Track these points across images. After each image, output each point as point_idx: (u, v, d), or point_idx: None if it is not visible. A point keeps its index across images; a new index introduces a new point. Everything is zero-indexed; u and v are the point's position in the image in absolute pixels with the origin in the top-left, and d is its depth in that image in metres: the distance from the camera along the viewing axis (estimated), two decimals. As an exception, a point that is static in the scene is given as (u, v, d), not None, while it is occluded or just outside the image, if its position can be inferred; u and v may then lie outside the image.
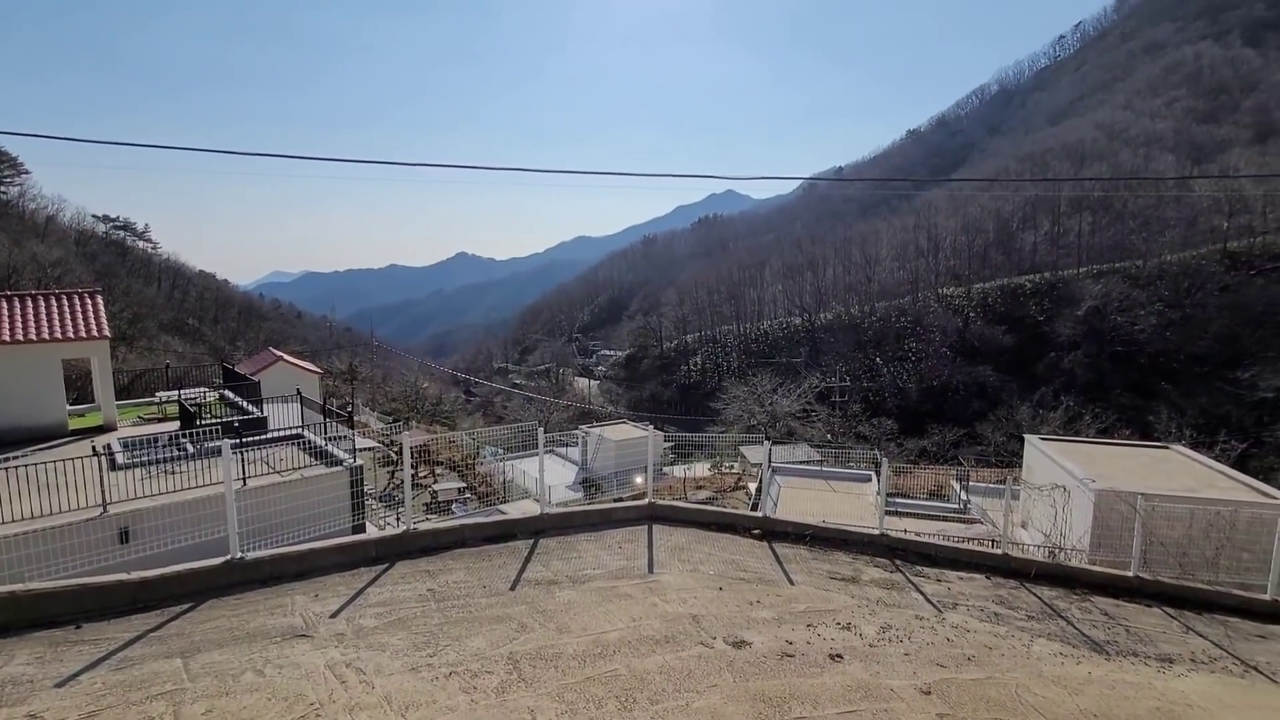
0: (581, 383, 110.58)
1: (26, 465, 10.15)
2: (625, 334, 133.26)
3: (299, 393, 14.88)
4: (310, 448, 13.99)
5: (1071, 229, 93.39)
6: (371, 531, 12.18)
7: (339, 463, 12.78)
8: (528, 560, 7.59)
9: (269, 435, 14.68)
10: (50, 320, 15.82)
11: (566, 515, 9.13)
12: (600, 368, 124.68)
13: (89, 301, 16.37)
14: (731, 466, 31.70)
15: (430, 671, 4.95)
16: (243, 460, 11.64)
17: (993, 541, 11.89)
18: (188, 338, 71.89)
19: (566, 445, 39.01)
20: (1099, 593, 8.67)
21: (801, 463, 26.13)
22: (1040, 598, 8.23)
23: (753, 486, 23.82)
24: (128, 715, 4.16)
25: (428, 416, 47.79)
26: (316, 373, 32.25)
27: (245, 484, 11.23)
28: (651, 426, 12.50)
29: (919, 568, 8.82)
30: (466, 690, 4.72)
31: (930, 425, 53.29)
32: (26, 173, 77.29)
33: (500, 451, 30.84)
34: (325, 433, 14.27)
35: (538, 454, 10.44)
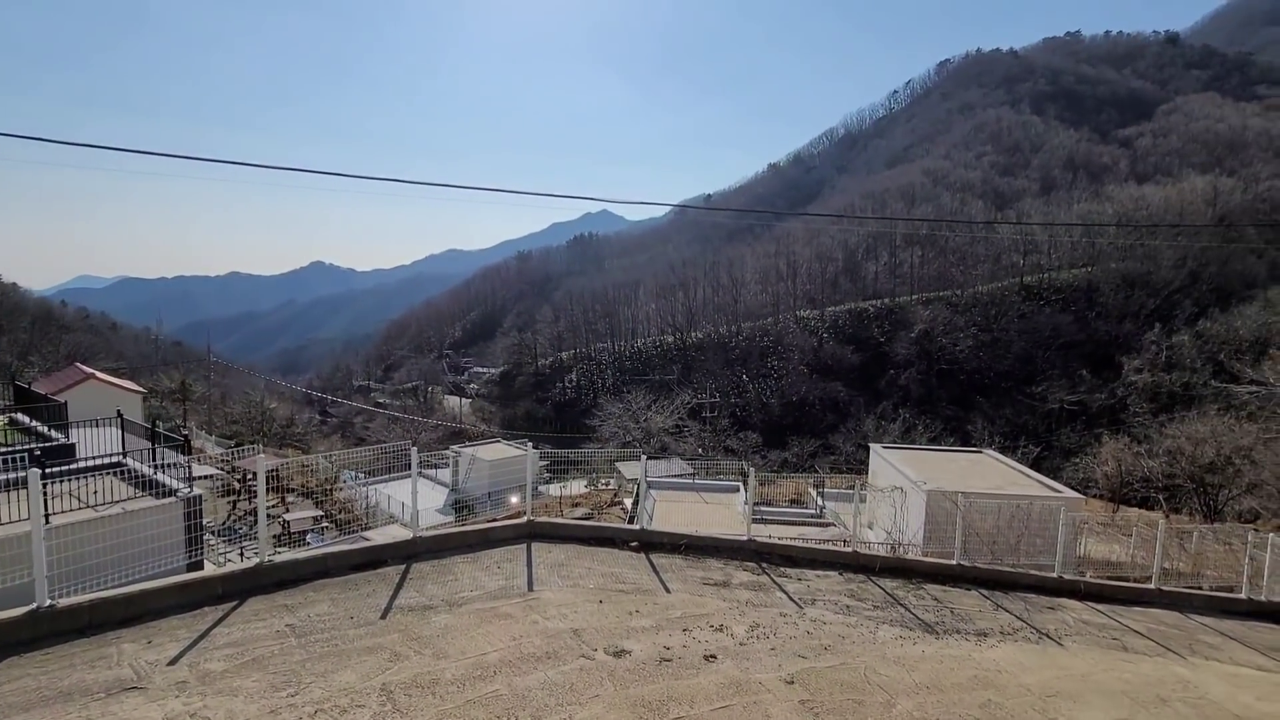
0: (452, 401, 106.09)
1: None
2: (499, 350, 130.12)
3: (119, 414, 12.98)
4: (133, 477, 12.26)
5: (905, 260, 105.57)
6: (214, 568, 10.89)
7: (171, 493, 11.34)
8: (399, 586, 7.23)
9: (79, 465, 12.68)
10: None
11: (442, 538, 8.81)
12: (473, 385, 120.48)
13: None
14: (608, 483, 31.98)
15: (292, 712, 4.59)
16: (46, 494, 9.94)
17: (844, 541, 13.06)
18: (-39, 351, 59.79)
19: (436, 467, 37.26)
20: (930, 581, 9.86)
21: (675, 476, 27.00)
22: (884, 589, 9.21)
23: (629, 502, 24.22)
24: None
25: (276, 439, 43.45)
26: (139, 392, 28.25)
27: (48, 521, 9.61)
28: (531, 444, 12.40)
29: (783, 569, 9.51)
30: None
31: (791, 437, 57.34)
32: None
33: (360, 476, 28.77)
34: (153, 460, 12.59)
35: (406, 476, 9.98)
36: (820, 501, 21.25)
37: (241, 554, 17.01)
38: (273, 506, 20.31)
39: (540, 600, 7.18)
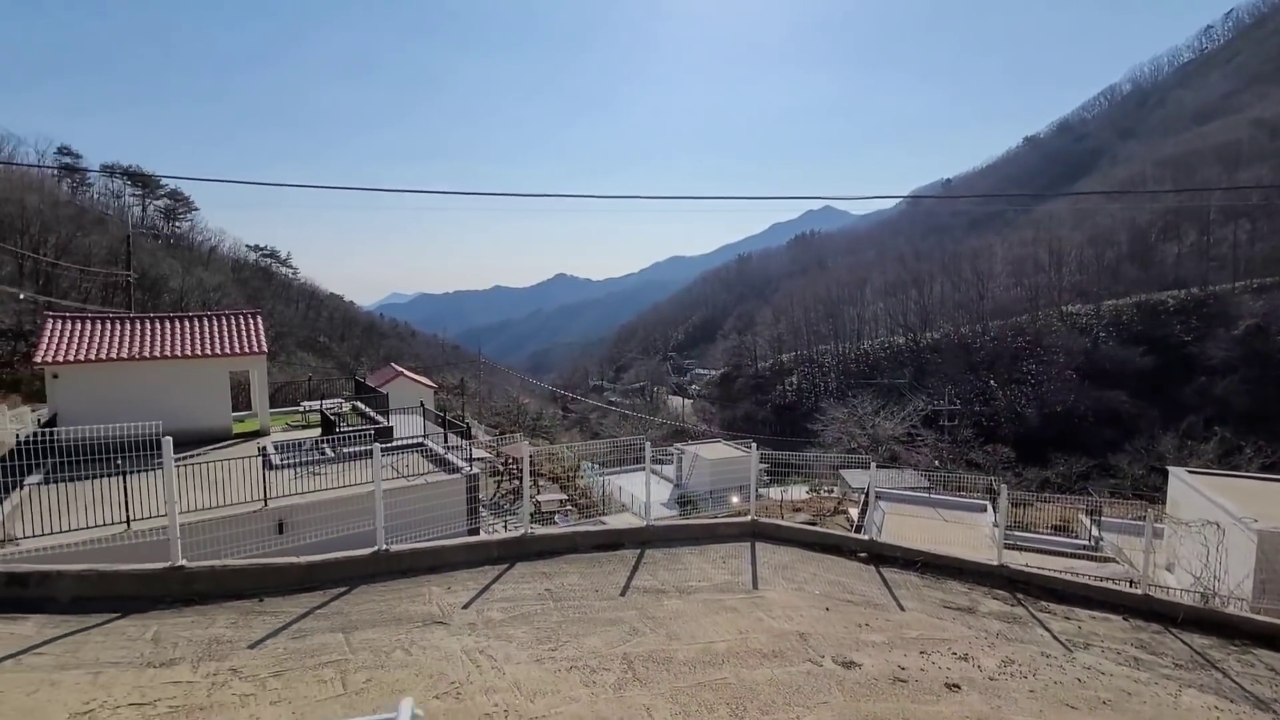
0: (675, 401, 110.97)
1: (201, 463, 11.78)
2: (719, 353, 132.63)
3: (422, 405, 16.18)
4: (431, 455, 15.15)
5: (1225, 238, 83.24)
6: (489, 535, 12.97)
7: (457, 470, 13.76)
8: (635, 569, 7.89)
9: (395, 443, 16.06)
10: (219, 338, 18.19)
11: (671, 528, 9.38)
12: (694, 386, 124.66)
13: (250, 321, 18.68)
14: (830, 490, 30.72)
15: (553, 664, 5.33)
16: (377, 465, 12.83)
17: (1130, 582, 10.88)
18: (319, 354, 79.33)
19: (661, 463, 39.36)
20: (1264, 645, 7.76)
21: (908, 489, 24.92)
22: (1190, 645, 7.50)
23: (853, 511, 23.01)
24: (305, 677, 4.82)
25: (528, 430, 49.80)
26: (431, 387, 34.64)
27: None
28: (755, 445, 12.53)
29: (1044, 603, 8.29)
30: (587, 684, 5.05)
31: (1053, 454, 48.97)
32: (196, 209, 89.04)
33: (595, 466, 31.64)
34: (444, 442, 15.42)
35: (634, 469, 10.81)
36: (1095, 532, 17.93)
37: (505, 526, 19.89)
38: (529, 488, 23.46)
39: (765, 599, 7.27)
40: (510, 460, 23.43)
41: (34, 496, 11.58)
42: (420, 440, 16.22)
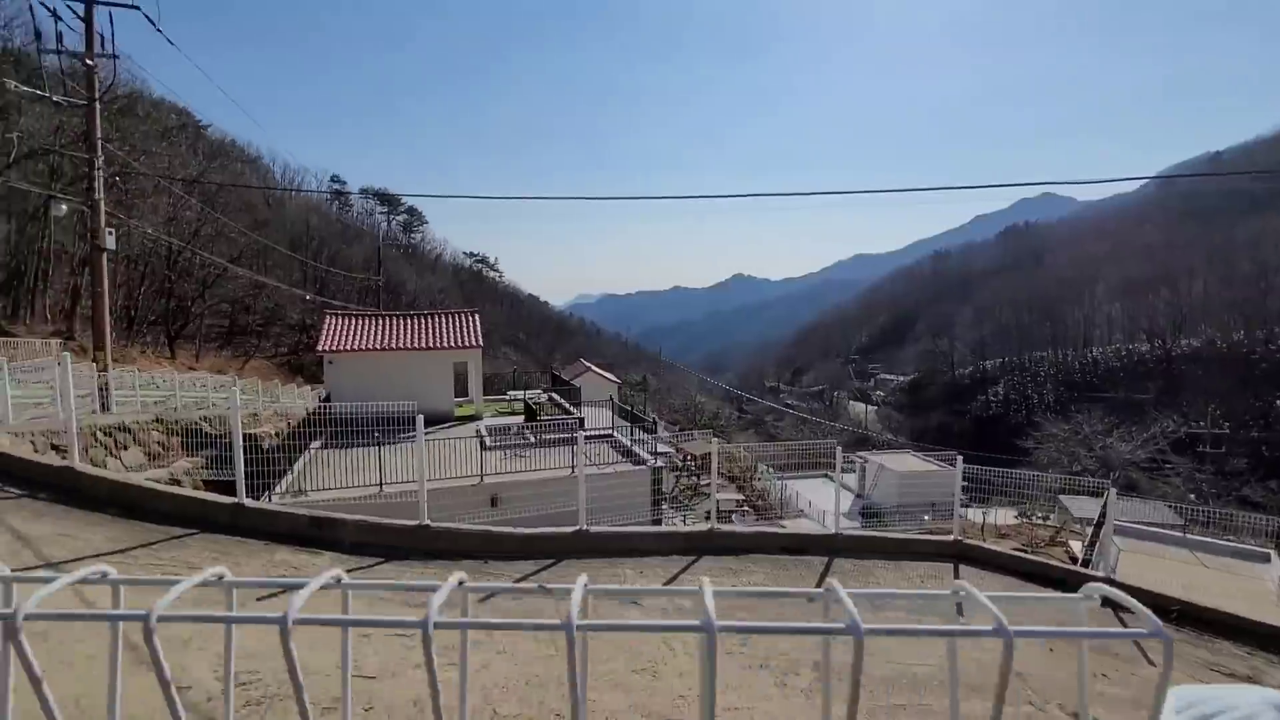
0: (857, 407, 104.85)
1: (431, 440, 13.76)
2: (908, 357, 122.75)
3: (612, 399, 17.27)
4: (619, 447, 16.08)
5: None
6: (680, 525, 13.46)
7: (643, 462, 14.44)
8: (823, 576, 7.67)
9: (586, 433, 17.29)
10: (445, 333, 20.99)
11: (861, 539, 8.95)
12: (878, 392, 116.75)
13: (469, 319, 21.32)
14: (1045, 517, 26.88)
15: (744, 659, 5.39)
16: (572, 452, 13.96)
17: None
18: (519, 349, 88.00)
19: (842, 471, 37.49)
20: None
21: (1153, 524, 20.96)
22: None
23: (1076, 545, 19.91)
24: (524, 636, 5.44)
25: (705, 429, 50.51)
26: (615, 382, 36.66)
27: (574, 472, 13.44)
28: (961, 459, 11.50)
29: (1366, 686, 6.50)
30: (778, 684, 5.04)
31: (1375, 500, 37.87)
32: (426, 223, 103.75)
33: (771, 470, 31.10)
34: (630, 435, 16.26)
35: (812, 475, 10.44)
36: None
37: (684, 520, 20.41)
38: (704, 485, 23.81)
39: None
40: (689, 457, 24.00)
41: (316, 458, 14.40)
42: (609, 432, 17.28)
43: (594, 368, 36.09)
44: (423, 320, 21.36)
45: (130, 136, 30.78)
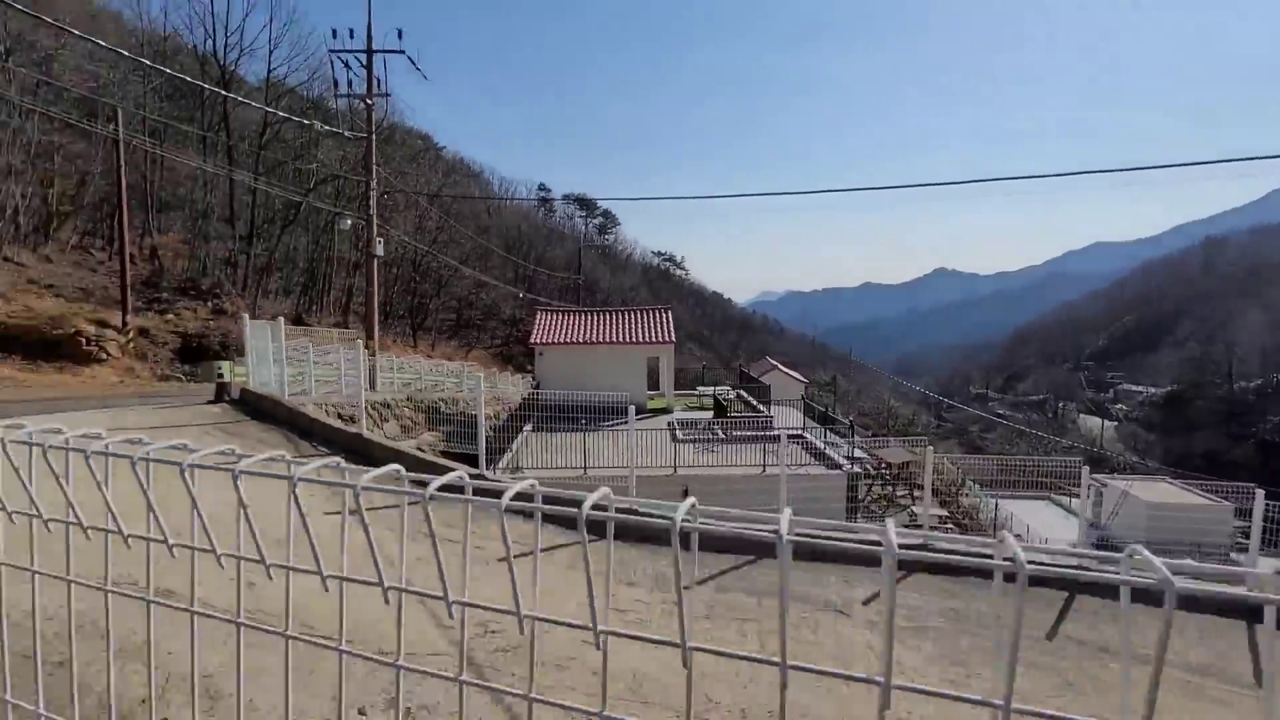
0: (1091, 422, 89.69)
1: (621, 430, 14.53)
2: (1164, 366, 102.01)
3: (804, 398, 16.81)
4: (810, 448, 15.59)
5: None
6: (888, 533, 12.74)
7: (838, 466, 13.84)
8: (1063, 614, 6.71)
9: (774, 432, 17.03)
10: (639, 328, 22.00)
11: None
12: (1120, 406, 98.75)
13: (662, 316, 22.12)
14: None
15: (967, 691, 4.94)
16: (763, 450, 13.87)
17: None
18: (703, 346, 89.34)
19: (1068, 494, 32.39)
20: None
21: None
22: None
23: None
24: (728, 626, 5.54)
25: (899, 436, 46.88)
26: (802, 382, 35.54)
27: (764, 470, 13.33)
28: (1261, 493, 9.37)
29: None
30: None
31: None
32: (619, 224, 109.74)
33: (976, 485, 27.76)
34: (823, 437, 15.67)
35: (1029, 496, 9.10)
36: None
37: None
38: (901, 496, 22.10)
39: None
40: (884, 464, 22.42)
41: (528, 440, 15.99)
42: (799, 432, 16.83)
43: (780, 366, 35.35)
44: (621, 316, 22.65)
45: (391, 161, 36.83)
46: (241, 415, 10.23)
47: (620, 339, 21.35)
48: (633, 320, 22.27)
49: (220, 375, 11.26)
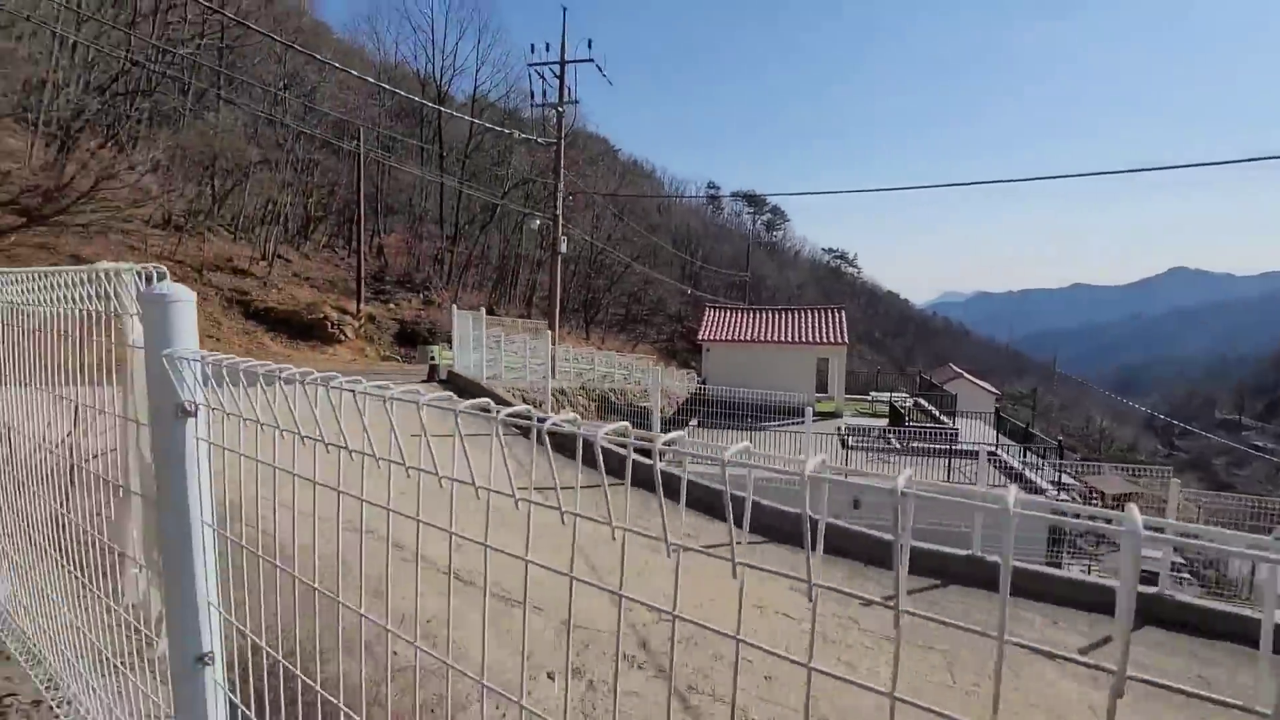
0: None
1: (788, 431, 14.09)
2: None
3: (997, 411, 15.05)
4: (1004, 468, 13.94)
5: None
6: (1100, 579, 11.14)
7: (1040, 492, 12.22)
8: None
9: (960, 447, 15.46)
10: (809, 328, 21.21)
11: None
12: None
13: (836, 316, 21.12)
14: None
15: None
16: (948, 466, 12.67)
17: None
18: (874, 347, 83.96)
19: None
20: None
21: None
22: None
23: None
24: (914, 653, 5.13)
25: (1115, 463, 40.20)
26: (994, 393, 31.90)
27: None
28: None
29: None
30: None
31: None
32: (787, 221, 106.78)
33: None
34: (1022, 456, 13.93)
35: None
36: None
37: (1087, 570, 16.69)
38: (1117, 534, 18.91)
39: None
40: (1097, 494, 19.28)
41: (693, 435, 16.17)
42: (990, 449, 15.12)
43: (966, 374, 32.00)
44: (791, 315, 22.03)
45: (574, 164, 39.39)
46: (449, 393, 11.59)
47: (790, 338, 20.77)
48: (803, 319, 21.54)
49: (432, 358, 12.85)
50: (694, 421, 17.64)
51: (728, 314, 22.73)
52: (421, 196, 37.50)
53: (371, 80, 17.08)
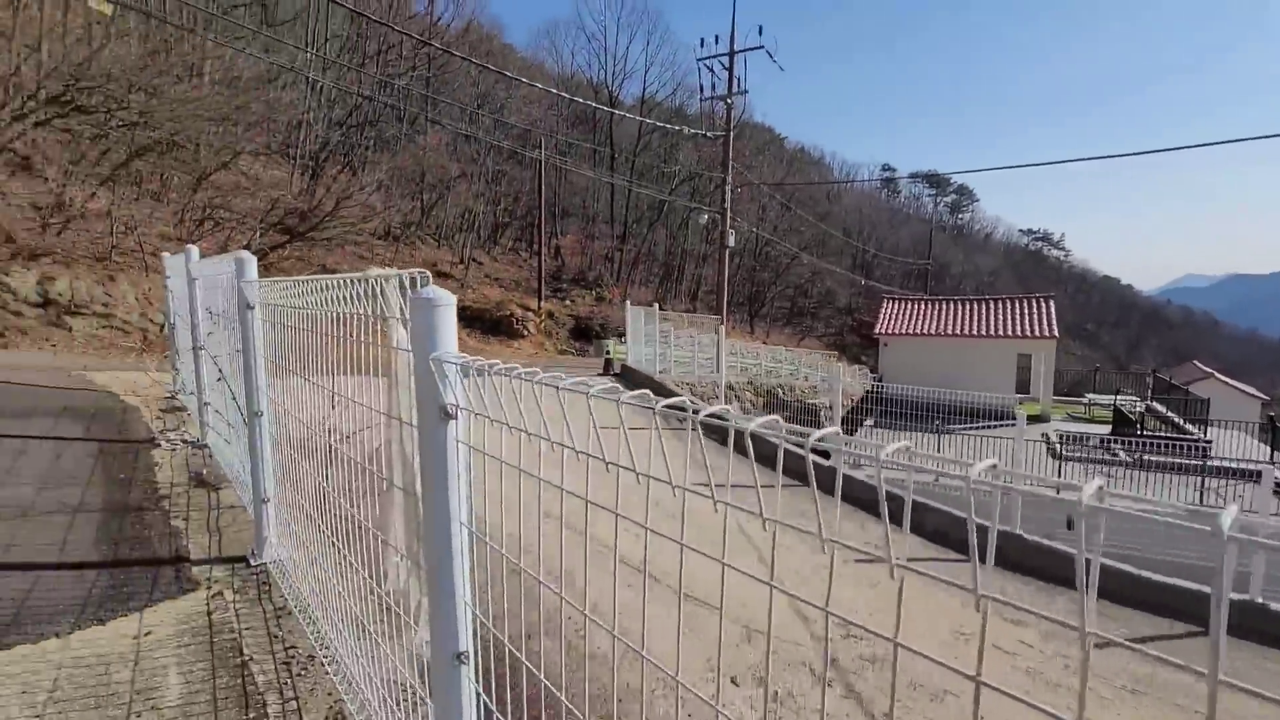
0: None
1: (981, 436, 12.54)
2: None
3: (1272, 420, 12.09)
4: (1282, 493, 11.21)
5: None
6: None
7: (1339, 526, 9.65)
8: None
9: (1216, 463, 12.72)
10: (1009, 320, 18.82)
11: None
12: None
13: (1042, 306, 18.51)
14: None
15: None
16: (1200, 486, 10.49)
17: None
18: (1088, 343, 72.52)
19: None
20: None
21: None
22: None
23: None
24: (1163, 711, 4.28)
25: None
26: (1260, 398, 25.89)
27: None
28: None
29: None
30: None
31: None
32: (976, 201, 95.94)
33: None
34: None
35: None
36: None
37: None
38: None
39: None
40: None
41: (869, 436, 15.17)
42: (1259, 467, 12.25)
43: (1219, 375, 26.30)
44: (984, 306, 19.74)
45: (740, 155, 38.97)
46: (624, 387, 12.06)
47: (984, 331, 18.58)
48: (1001, 310, 19.14)
49: (607, 353, 13.43)
50: (869, 421, 16.55)
51: (908, 305, 20.92)
52: (594, 198, 39.47)
53: (553, 90, 18.25)
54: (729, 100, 17.70)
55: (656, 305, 14.30)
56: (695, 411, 0.90)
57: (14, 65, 12.58)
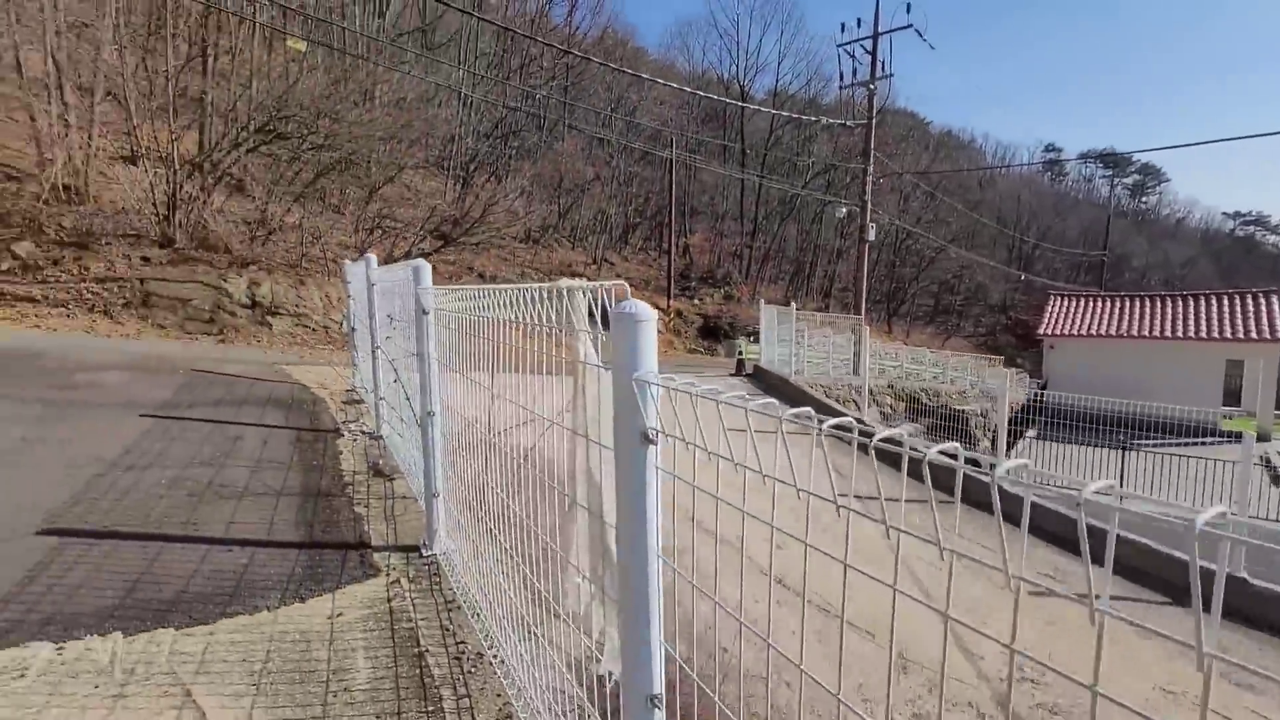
0: None
1: (1180, 455, 10.68)
2: None
3: None
4: None
5: None
6: None
7: None
8: None
9: None
10: (1218, 320, 16.04)
11: None
12: None
13: (1264, 302, 15.56)
14: None
15: None
16: None
17: None
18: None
19: None
20: None
21: None
22: None
23: None
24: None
25: None
26: None
27: None
28: None
29: None
30: None
31: None
32: (1165, 181, 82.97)
33: None
34: None
35: None
36: None
37: None
38: None
39: None
40: None
41: (1030, 449, 13.60)
42: None
43: None
44: (1180, 302, 16.97)
45: (882, 144, 36.65)
46: (757, 389, 11.74)
47: (1180, 333, 15.92)
48: (1204, 308, 16.29)
49: (740, 353, 13.16)
50: (1032, 433, 14.88)
51: (1080, 303, 18.45)
52: (723, 196, 39.03)
53: (684, 89, 18.22)
54: (871, 86, 16.65)
55: (792, 304, 13.79)
56: (868, 435, 0.88)
57: (232, 102, 14.77)
